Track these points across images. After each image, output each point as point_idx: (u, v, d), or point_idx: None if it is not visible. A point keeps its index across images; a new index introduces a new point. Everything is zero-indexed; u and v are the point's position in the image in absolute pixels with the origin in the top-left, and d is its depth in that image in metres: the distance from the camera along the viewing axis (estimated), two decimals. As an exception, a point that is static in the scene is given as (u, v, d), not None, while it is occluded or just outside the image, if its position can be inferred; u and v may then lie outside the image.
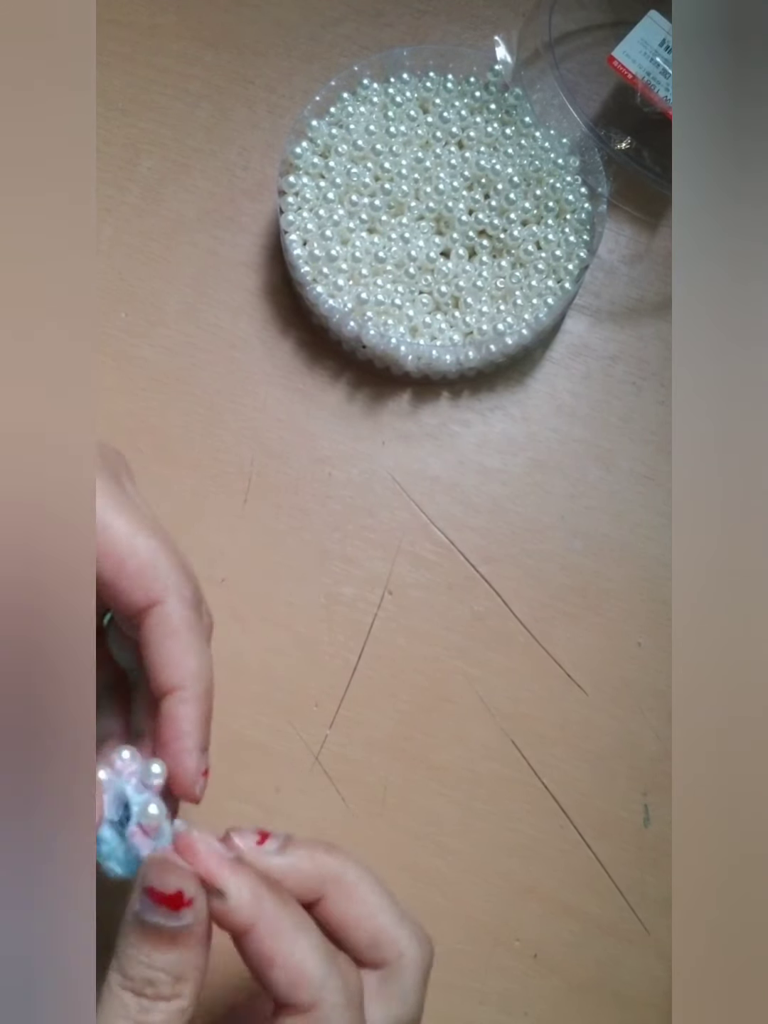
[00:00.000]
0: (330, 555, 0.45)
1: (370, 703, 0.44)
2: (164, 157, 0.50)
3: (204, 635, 0.31)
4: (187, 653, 0.30)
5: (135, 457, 0.46)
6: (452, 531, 0.46)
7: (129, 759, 0.29)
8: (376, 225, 0.47)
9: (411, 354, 0.45)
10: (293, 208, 0.47)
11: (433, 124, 0.48)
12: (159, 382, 0.47)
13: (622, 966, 0.42)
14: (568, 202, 0.47)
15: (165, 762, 0.29)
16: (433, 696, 0.44)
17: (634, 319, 0.49)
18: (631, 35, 0.48)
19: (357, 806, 0.43)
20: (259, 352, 0.48)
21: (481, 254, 0.47)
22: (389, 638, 0.44)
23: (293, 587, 0.45)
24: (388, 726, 0.43)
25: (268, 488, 0.46)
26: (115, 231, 0.49)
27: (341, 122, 0.49)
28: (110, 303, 0.48)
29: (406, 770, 0.43)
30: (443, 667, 0.44)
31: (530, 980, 0.41)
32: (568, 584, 0.45)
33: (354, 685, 0.44)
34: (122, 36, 0.52)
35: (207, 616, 0.32)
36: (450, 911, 0.42)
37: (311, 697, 0.44)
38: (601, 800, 0.43)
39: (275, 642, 0.44)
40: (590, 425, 0.47)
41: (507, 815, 0.43)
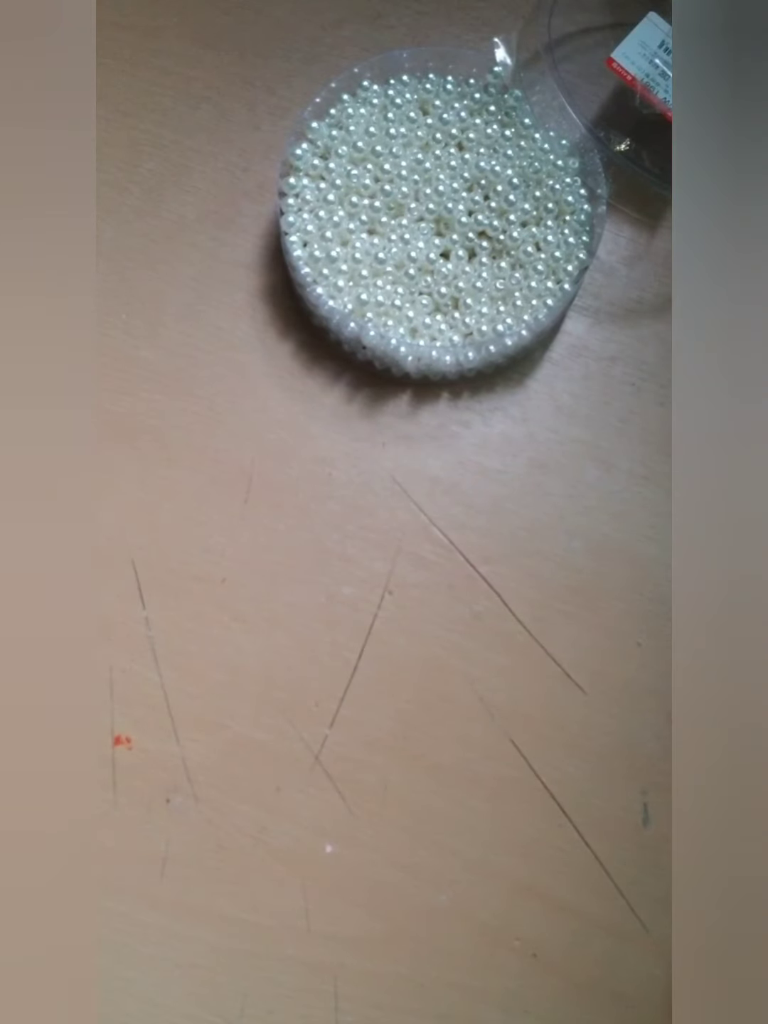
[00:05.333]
0: (330, 555, 0.45)
1: (370, 703, 0.44)
2: (165, 159, 0.51)
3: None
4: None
5: (135, 457, 0.46)
6: (452, 531, 0.46)
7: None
8: (376, 226, 0.47)
9: (411, 355, 0.45)
10: (293, 209, 0.47)
11: (433, 126, 0.48)
12: (159, 382, 0.47)
13: (621, 965, 0.42)
14: (567, 203, 0.48)
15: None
16: (433, 696, 0.44)
17: (633, 320, 0.49)
18: (630, 37, 0.48)
19: (357, 806, 0.43)
20: (259, 353, 0.48)
21: (481, 255, 0.47)
22: (389, 638, 0.44)
23: (293, 587, 0.45)
24: (388, 726, 0.43)
25: (268, 488, 0.46)
26: (116, 232, 0.49)
27: (341, 124, 0.49)
28: (110, 304, 0.48)
29: (406, 770, 0.43)
30: (443, 667, 0.44)
31: (530, 979, 0.41)
32: (567, 584, 0.45)
33: (354, 685, 0.44)
34: (123, 38, 0.52)
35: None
36: (450, 910, 0.42)
37: (311, 697, 0.44)
38: (600, 799, 0.43)
39: (275, 642, 0.44)
40: (589, 426, 0.47)
41: (507, 814, 0.43)
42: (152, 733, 0.43)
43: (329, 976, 0.41)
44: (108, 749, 0.43)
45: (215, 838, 0.42)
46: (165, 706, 0.43)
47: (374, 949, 0.42)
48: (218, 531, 0.45)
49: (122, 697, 0.43)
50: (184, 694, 0.44)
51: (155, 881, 0.42)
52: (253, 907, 0.42)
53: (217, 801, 0.43)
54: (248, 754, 0.43)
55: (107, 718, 0.43)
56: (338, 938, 0.42)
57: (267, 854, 0.42)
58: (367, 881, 0.42)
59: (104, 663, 0.44)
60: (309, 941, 0.42)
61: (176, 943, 0.41)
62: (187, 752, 0.43)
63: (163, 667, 0.44)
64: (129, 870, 0.42)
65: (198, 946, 0.41)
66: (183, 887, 0.42)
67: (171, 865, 0.42)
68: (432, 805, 0.43)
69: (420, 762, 0.43)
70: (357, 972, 0.41)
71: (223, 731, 0.43)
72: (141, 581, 0.45)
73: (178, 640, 0.44)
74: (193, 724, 0.43)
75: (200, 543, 0.45)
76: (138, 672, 0.44)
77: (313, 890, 0.42)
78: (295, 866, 0.42)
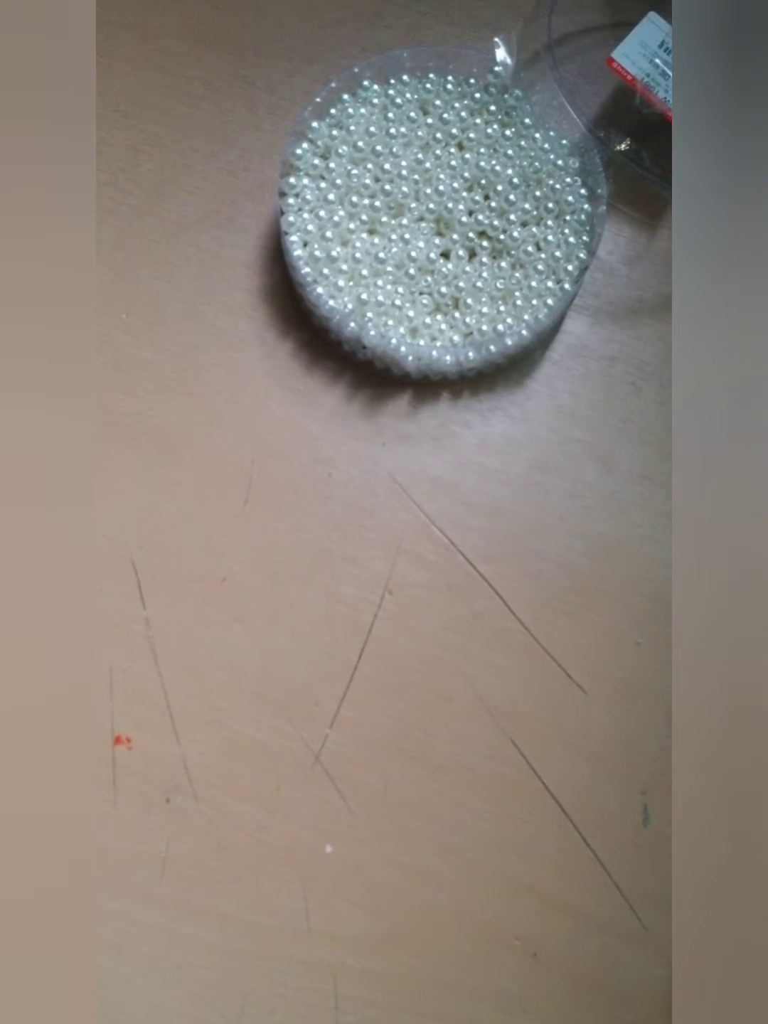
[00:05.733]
0: (330, 555, 0.45)
1: (370, 703, 0.44)
2: (165, 158, 0.51)
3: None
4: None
5: (135, 457, 0.46)
6: (452, 531, 0.46)
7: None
8: (376, 226, 0.47)
9: (411, 355, 0.45)
10: (293, 209, 0.47)
11: (433, 125, 0.48)
12: (159, 382, 0.47)
13: (621, 964, 0.42)
14: (568, 203, 0.48)
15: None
16: (433, 696, 0.44)
17: (633, 320, 0.49)
18: (630, 37, 0.48)
19: (357, 806, 0.43)
20: (259, 353, 0.48)
21: (481, 255, 0.47)
22: (389, 638, 0.44)
23: (293, 587, 0.45)
24: (388, 725, 0.43)
25: (268, 488, 0.46)
26: (116, 232, 0.49)
27: (341, 123, 0.49)
28: (111, 304, 0.48)
29: (406, 770, 0.43)
30: (443, 667, 0.44)
31: (530, 978, 0.41)
32: (567, 584, 0.45)
33: (354, 685, 0.44)
34: (123, 38, 0.52)
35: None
36: (450, 910, 0.42)
37: (311, 697, 0.44)
38: (600, 799, 0.43)
39: (275, 642, 0.44)
40: (589, 426, 0.47)
41: (507, 814, 0.43)
42: (152, 733, 0.43)
43: (329, 976, 0.41)
44: (108, 749, 0.43)
45: (215, 838, 0.42)
46: (165, 706, 0.43)
47: (374, 949, 0.42)
48: (218, 531, 0.45)
49: (122, 697, 0.43)
50: (184, 694, 0.44)
51: (155, 881, 0.42)
52: (253, 907, 0.42)
53: (217, 801, 0.43)
54: (248, 754, 0.43)
55: (107, 718, 0.43)
56: (338, 938, 0.42)
57: (267, 854, 0.42)
58: (367, 881, 0.42)
59: (104, 663, 0.44)
60: (309, 941, 0.42)
61: (176, 943, 0.41)
62: (187, 752, 0.43)
63: (163, 667, 0.44)
64: (129, 870, 0.42)
65: (198, 946, 0.41)
66: (183, 887, 0.42)
67: (171, 865, 0.42)
68: (432, 805, 0.43)
69: (420, 762, 0.43)
70: (357, 972, 0.41)
71: (223, 731, 0.43)
72: (141, 581, 0.45)
73: (178, 640, 0.44)
74: (193, 724, 0.43)
75: (200, 543, 0.45)
76: (138, 672, 0.44)
77: (313, 890, 0.42)
78: (295, 866, 0.42)
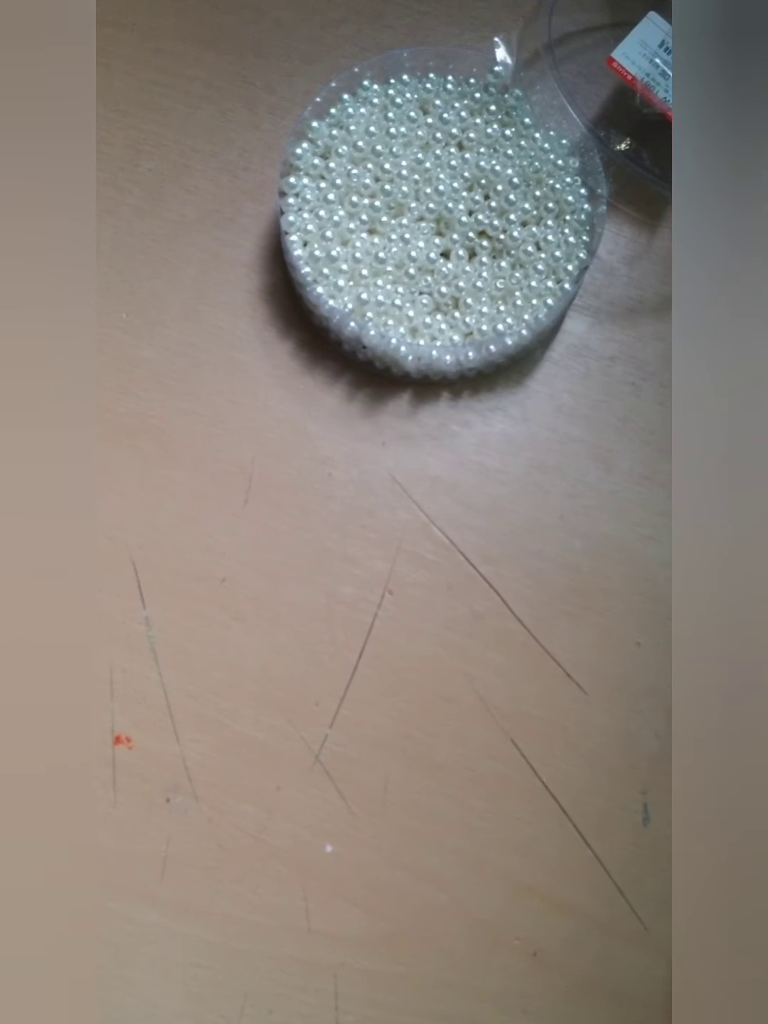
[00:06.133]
0: (330, 555, 0.45)
1: (370, 703, 0.44)
2: (165, 158, 0.51)
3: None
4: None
5: (135, 457, 0.46)
6: (452, 531, 0.46)
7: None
8: (376, 226, 0.47)
9: (411, 355, 0.45)
10: (293, 209, 0.47)
11: (433, 125, 0.48)
12: (159, 382, 0.47)
13: (621, 964, 0.42)
14: (568, 203, 0.48)
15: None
16: (433, 696, 0.44)
17: (633, 319, 0.49)
18: (630, 36, 0.48)
19: (357, 806, 0.43)
20: (259, 353, 0.48)
21: (481, 255, 0.47)
22: (389, 638, 0.44)
23: (293, 587, 0.45)
24: (388, 725, 0.43)
25: (268, 488, 0.46)
26: (116, 232, 0.49)
27: (341, 123, 0.49)
28: (111, 303, 0.48)
29: (406, 770, 0.43)
30: (443, 667, 0.44)
31: (530, 978, 0.41)
32: (568, 584, 0.45)
33: (354, 685, 0.44)
34: (122, 37, 0.52)
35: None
36: (450, 910, 0.42)
37: (311, 697, 0.44)
38: (600, 799, 0.43)
39: (275, 642, 0.44)
40: (589, 425, 0.47)
41: (507, 814, 0.43)
42: (152, 733, 0.43)
43: (329, 976, 0.41)
44: (108, 748, 0.43)
45: (215, 838, 0.42)
46: (165, 706, 0.43)
47: (374, 949, 0.42)
48: (218, 531, 0.45)
49: (122, 697, 0.43)
50: (184, 694, 0.44)
51: (155, 881, 0.42)
52: (253, 907, 0.42)
53: (217, 801, 0.43)
54: (248, 754, 0.43)
55: (107, 718, 0.43)
56: (338, 938, 0.42)
57: (267, 854, 0.42)
58: (367, 881, 0.42)
59: (104, 663, 0.44)
60: (309, 941, 0.42)
61: (176, 943, 0.41)
62: (187, 752, 0.43)
63: (163, 667, 0.44)
64: (129, 870, 0.42)
65: (198, 946, 0.41)
66: (183, 887, 0.42)
67: (171, 865, 0.42)
68: (432, 805, 0.43)
69: (420, 762, 0.43)
70: (357, 972, 0.41)
71: (223, 731, 0.43)
72: (141, 581, 0.45)
73: (178, 640, 0.44)
74: (193, 724, 0.43)
75: (200, 543, 0.45)
76: (138, 672, 0.44)
77: (313, 890, 0.42)
78: (295, 866, 0.42)
